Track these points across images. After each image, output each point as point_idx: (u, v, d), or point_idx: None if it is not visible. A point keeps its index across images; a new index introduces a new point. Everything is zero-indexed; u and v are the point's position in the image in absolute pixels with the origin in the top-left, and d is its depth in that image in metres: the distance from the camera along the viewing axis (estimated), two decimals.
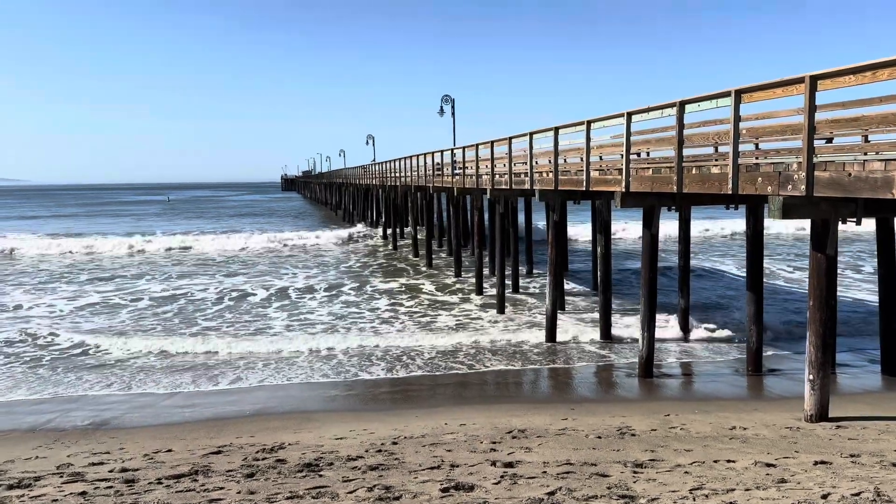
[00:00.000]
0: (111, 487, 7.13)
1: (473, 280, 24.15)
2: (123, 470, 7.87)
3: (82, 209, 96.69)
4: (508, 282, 22.78)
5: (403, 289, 25.25)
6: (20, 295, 24.85)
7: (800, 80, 8.71)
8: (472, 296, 23.36)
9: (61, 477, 7.67)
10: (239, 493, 6.75)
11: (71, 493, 6.94)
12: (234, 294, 24.48)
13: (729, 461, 7.45)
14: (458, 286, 25.44)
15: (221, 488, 6.94)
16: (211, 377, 14.07)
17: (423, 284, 26.04)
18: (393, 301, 22.77)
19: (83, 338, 17.60)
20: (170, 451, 8.92)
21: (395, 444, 8.80)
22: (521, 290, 23.75)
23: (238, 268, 32.01)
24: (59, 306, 22.56)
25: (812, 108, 8.57)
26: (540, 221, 33.85)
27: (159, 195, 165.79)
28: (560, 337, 16.75)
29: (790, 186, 8.94)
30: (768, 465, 7.26)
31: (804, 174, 8.67)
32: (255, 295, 24.26)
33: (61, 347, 16.86)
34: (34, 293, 25.23)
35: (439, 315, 20.40)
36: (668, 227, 23.25)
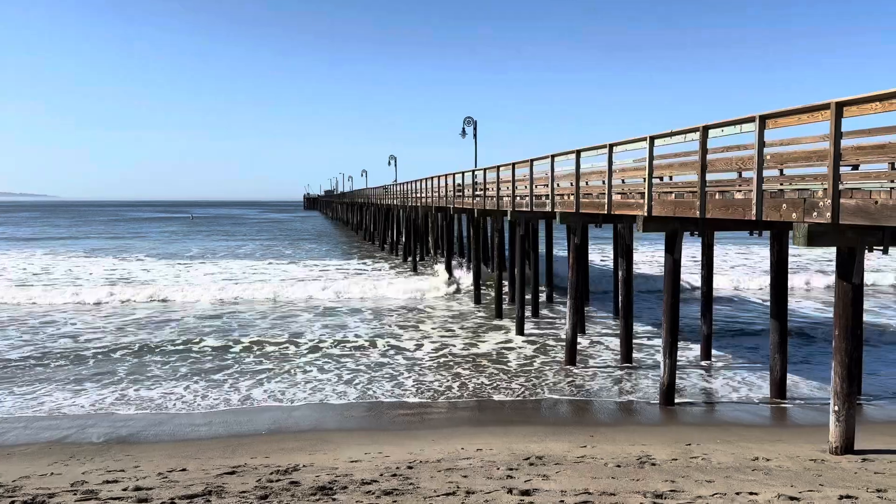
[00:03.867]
0: None
1: (493, 304, 24.03)
2: (137, 489, 7.84)
3: (108, 227, 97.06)
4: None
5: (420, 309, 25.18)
6: None
7: (825, 107, 8.59)
8: (492, 318, 23.22)
9: (75, 494, 7.66)
10: None
11: None
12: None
13: (751, 493, 7.26)
14: (478, 310, 25.30)
15: None
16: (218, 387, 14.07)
17: (439, 305, 25.94)
18: (409, 324, 22.70)
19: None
20: (184, 470, 8.88)
21: (410, 468, 8.70)
22: (540, 314, 23.58)
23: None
24: None
25: (838, 134, 8.44)
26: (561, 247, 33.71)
27: (182, 213, 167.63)
28: (580, 361, 16.57)
29: (815, 213, 8.79)
30: (792, 498, 7.06)
31: (830, 201, 8.51)
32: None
33: None
34: None
35: (457, 336, 20.29)
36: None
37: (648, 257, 42.45)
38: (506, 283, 25.85)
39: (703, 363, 16.42)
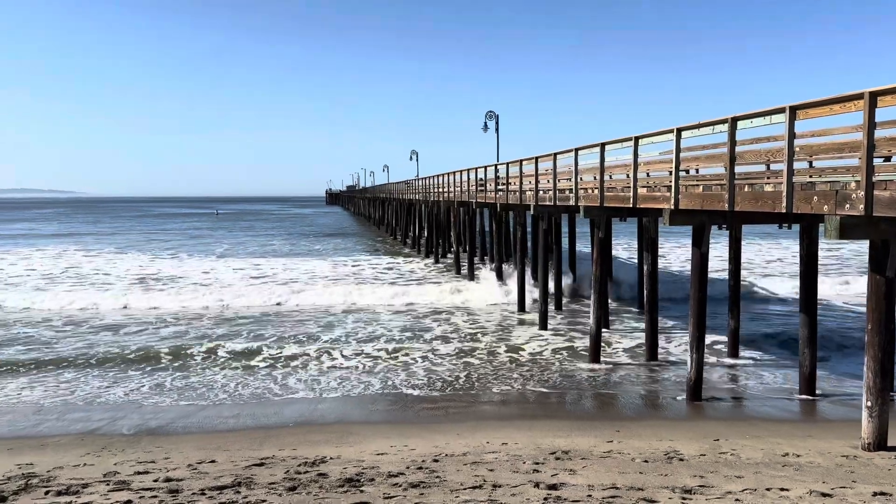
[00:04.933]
0: (155, 497, 7.20)
1: (515, 296, 23.98)
2: (168, 480, 7.94)
3: (149, 224, 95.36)
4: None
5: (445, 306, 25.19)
6: None
7: (858, 97, 8.44)
8: (515, 312, 23.17)
9: (108, 485, 7.78)
10: None
11: (117, 502, 7.02)
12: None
13: (782, 489, 7.18)
14: (502, 301, 25.26)
15: (264, 501, 6.95)
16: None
17: (467, 304, 25.91)
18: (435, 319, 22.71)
19: None
20: (213, 461, 8.98)
21: (436, 461, 8.71)
22: (563, 308, 23.49)
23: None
24: None
25: (871, 125, 8.28)
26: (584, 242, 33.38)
27: (208, 209, 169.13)
28: (605, 356, 16.48)
29: (848, 206, 8.64)
30: (824, 494, 6.97)
31: (863, 193, 8.36)
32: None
33: None
34: None
35: (479, 331, 20.28)
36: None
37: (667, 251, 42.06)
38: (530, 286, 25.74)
39: (730, 357, 16.25)
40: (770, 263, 38.16)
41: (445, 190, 35.93)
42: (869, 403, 9.19)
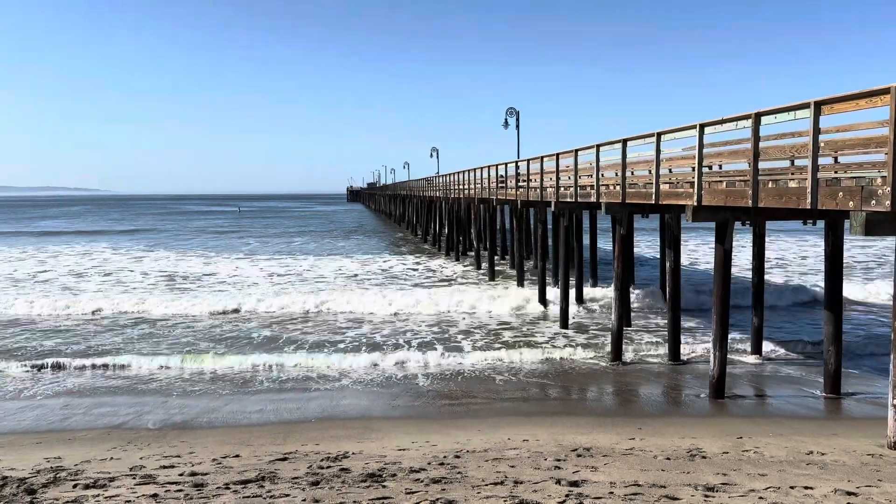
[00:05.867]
0: (181, 491, 7.30)
1: (535, 293, 23.93)
2: (193, 474, 8.05)
3: (177, 222, 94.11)
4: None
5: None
6: None
7: (885, 91, 8.32)
8: (536, 310, 23.12)
9: (134, 478, 7.90)
10: (304, 500, 6.81)
11: (143, 495, 7.13)
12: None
13: (806, 488, 7.11)
14: (521, 298, 25.21)
15: (287, 495, 7.02)
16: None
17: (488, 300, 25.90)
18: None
19: None
20: (237, 456, 9.09)
21: (457, 457, 8.74)
22: (585, 305, 23.40)
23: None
24: None
25: None
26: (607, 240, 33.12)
27: (229, 206, 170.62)
28: (627, 354, 16.41)
29: (874, 202, 8.53)
30: (849, 493, 6.90)
31: (889, 189, 8.25)
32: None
33: None
34: None
35: (501, 330, 20.29)
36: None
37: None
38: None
39: (754, 355, 16.10)
40: (805, 260, 37.61)
41: (466, 187, 35.92)
42: (895, 402, 9.07)
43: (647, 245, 40.88)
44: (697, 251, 41.65)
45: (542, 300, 23.46)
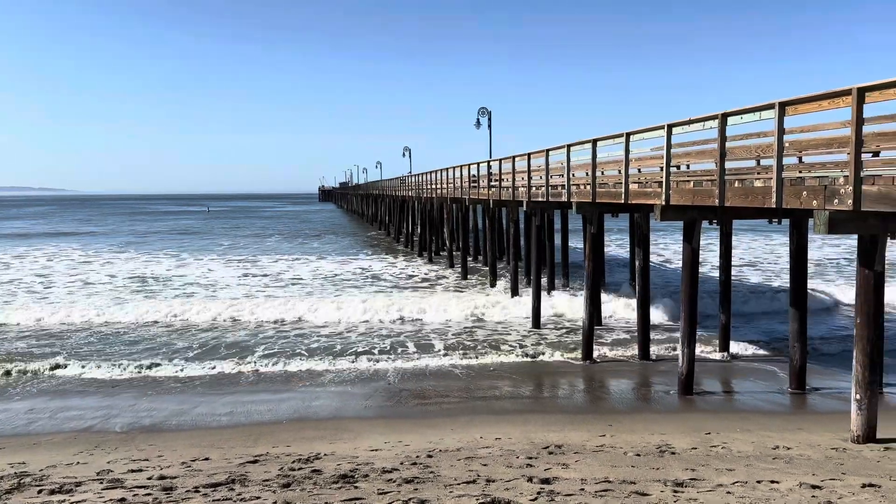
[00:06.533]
0: (149, 495, 7.20)
1: (508, 293, 24.02)
2: (162, 477, 7.95)
3: (143, 223, 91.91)
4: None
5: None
6: None
7: (847, 93, 8.51)
8: (507, 310, 23.19)
9: (101, 483, 7.78)
10: (275, 503, 6.77)
11: (110, 500, 7.02)
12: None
13: (773, 482, 7.24)
14: (494, 298, 25.30)
15: (258, 498, 6.96)
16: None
17: (460, 299, 25.94)
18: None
19: None
20: (207, 459, 9.00)
21: (430, 457, 8.75)
22: (556, 301, 23.53)
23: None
24: None
25: (859, 120, 8.36)
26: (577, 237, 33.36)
27: (198, 206, 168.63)
28: (598, 352, 16.54)
29: (836, 200, 8.72)
30: (814, 486, 7.04)
31: (851, 188, 8.44)
32: None
33: None
34: None
35: (475, 329, 20.33)
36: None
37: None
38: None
39: (721, 352, 16.34)
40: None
41: (439, 186, 35.95)
42: (858, 396, 9.28)
43: (617, 245, 41.25)
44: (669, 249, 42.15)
45: (515, 299, 23.55)
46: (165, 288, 29.82)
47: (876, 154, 9.16)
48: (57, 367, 15.93)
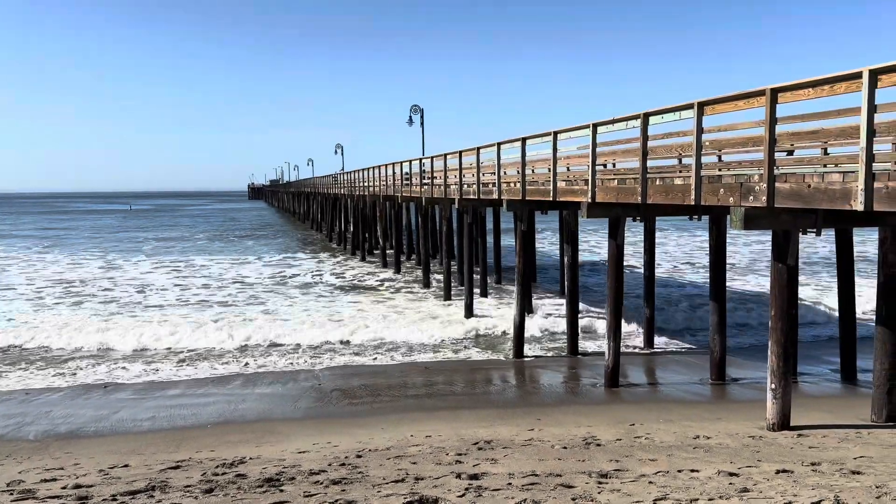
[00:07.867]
0: None
1: (441, 291, 24.07)
2: (77, 486, 7.62)
3: (64, 222, 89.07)
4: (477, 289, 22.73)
5: (372, 300, 25.06)
6: None
7: (760, 93, 8.84)
8: (441, 306, 23.26)
9: (11, 494, 7.40)
10: None
11: None
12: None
13: (693, 470, 7.46)
14: (426, 296, 25.31)
15: None
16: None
17: (394, 297, 25.86)
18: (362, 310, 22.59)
19: None
20: (126, 465, 8.67)
21: (359, 457, 8.67)
22: (489, 298, 23.74)
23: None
24: None
25: (773, 120, 8.69)
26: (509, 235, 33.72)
27: (119, 204, 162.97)
28: (528, 346, 16.74)
29: (752, 198, 9.05)
30: (731, 474, 7.28)
31: (765, 185, 8.78)
32: None
33: None
34: None
35: (408, 327, 20.27)
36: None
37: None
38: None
39: (646, 346, 16.78)
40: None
41: (371, 184, 35.73)
42: (773, 386, 9.66)
43: (549, 243, 41.88)
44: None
45: (447, 296, 23.61)
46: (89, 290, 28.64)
47: (790, 153, 9.54)
48: None
